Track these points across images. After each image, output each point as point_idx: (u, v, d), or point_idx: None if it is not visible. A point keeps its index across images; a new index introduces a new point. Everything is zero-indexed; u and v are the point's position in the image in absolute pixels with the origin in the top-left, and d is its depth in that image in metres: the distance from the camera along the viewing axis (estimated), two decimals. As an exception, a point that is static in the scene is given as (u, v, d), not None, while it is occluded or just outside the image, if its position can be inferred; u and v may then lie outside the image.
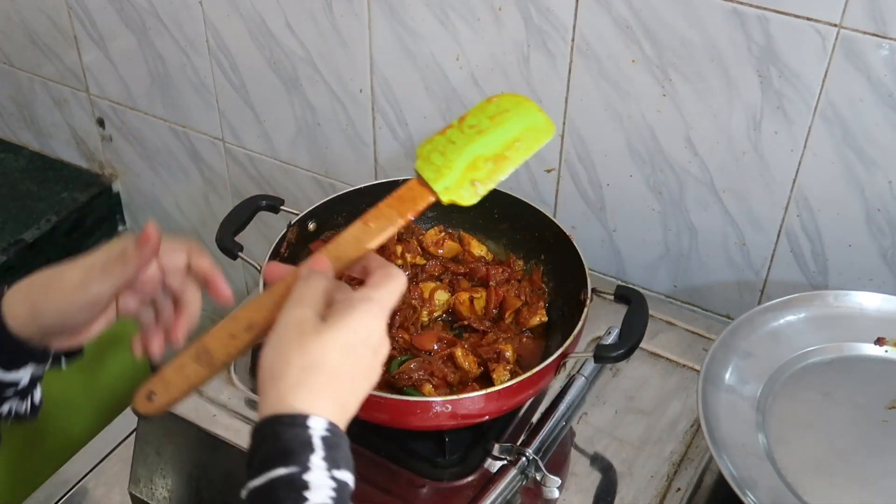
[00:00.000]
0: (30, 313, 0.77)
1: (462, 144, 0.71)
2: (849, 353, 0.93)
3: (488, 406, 0.88)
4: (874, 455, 0.83)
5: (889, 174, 0.98)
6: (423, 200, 0.70)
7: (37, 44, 1.52)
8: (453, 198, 0.70)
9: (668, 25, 1.00)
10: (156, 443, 1.00)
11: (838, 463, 0.82)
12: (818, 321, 0.95)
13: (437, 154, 0.71)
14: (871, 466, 0.82)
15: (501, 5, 1.08)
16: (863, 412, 0.86)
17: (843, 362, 0.92)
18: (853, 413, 0.86)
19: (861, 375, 0.90)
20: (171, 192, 1.59)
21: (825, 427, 0.85)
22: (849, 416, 0.86)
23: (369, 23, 1.18)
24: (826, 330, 0.94)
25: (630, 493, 0.93)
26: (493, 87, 1.14)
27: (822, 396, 0.87)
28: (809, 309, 0.96)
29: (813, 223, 1.05)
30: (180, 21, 1.34)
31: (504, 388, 0.86)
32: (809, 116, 0.98)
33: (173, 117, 1.47)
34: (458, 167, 0.70)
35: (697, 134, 1.05)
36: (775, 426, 0.85)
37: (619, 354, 0.90)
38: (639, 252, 1.18)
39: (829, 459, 0.82)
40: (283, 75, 1.30)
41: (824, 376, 0.90)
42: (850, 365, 0.91)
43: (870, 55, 0.92)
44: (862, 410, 0.86)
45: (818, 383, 0.89)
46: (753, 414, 0.86)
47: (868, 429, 0.85)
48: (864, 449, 0.83)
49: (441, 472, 0.93)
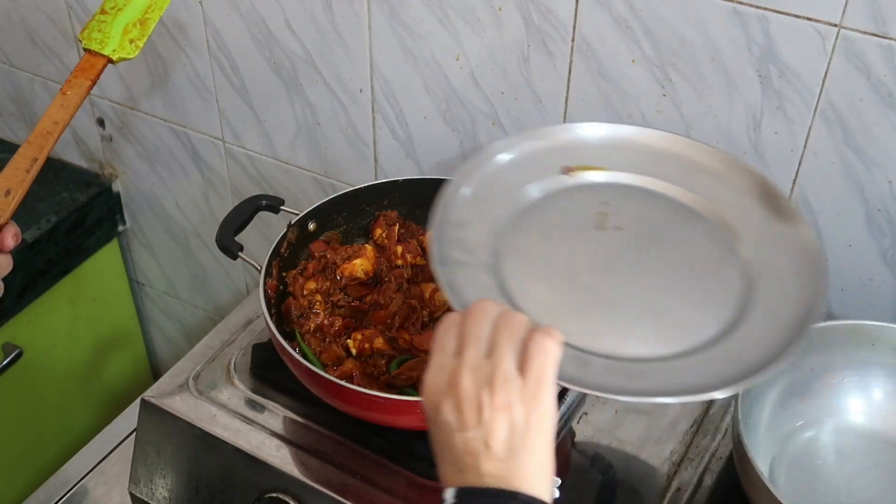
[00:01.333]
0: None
1: (111, 20, 0.96)
2: (548, 191, 0.92)
3: None
4: (604, 272, 0.84)
5: (889, 174, 0.98)
6: (100, 63, 0.94)
7: (37, 44, 1.52)
8: (121, 55, 0.95)
9: (668, 25, 1.00)
10: (156, 443, 1.00)
11: (582, 296, 0.82)
12: (512, 170, 0.94)
13: (96, 32, 0.95)
14: (607, 284, 0.83)
15: (501, 5, 1.08)
16: (579, 240, 0.87)
17: (548, 200, 0.91)
18: (573, 245, 0.87)
19: (564, 208, 0.91)
20: (171, 191, 1.59)
21: (556, 269, 0.85)
22: (570, 249, 0.87)
23: (369, 23, 1.18)
24: (522, 174, 0.93)
25: (630, 494, 0.93)
26: (492, 87, 1.14)
27: (540, 239, 0.87)
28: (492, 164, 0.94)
29: (813, 223, 1.05)
30: (181, 21, 1.34)
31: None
32: (809, 116, 0.98)
33: (173, 117, 1.47)
34: (116, 34, 0.96)
35: (697, 134, 1.05)
36: (514, 285, 0.82)
37: None
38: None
39: (572, 296, 0.82)
40: (283, 75, 1.30)
41: (531, 219, 0.89)
42: (553, 200, 0.91)
43: (870, 55, 0.92)
44: (578, 239, 0.87)
45: (531, 227, 0.88)
46: (491, 280, 0.83)
47: (590, 253, 0.86)
48: (597, 272, 0.84)
49: (441, 472, 0.93)
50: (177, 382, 1.02)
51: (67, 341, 1.67)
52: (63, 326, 1.65)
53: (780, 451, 0.95)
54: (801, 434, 0.97)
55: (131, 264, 1.77)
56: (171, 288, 1.75)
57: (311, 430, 0.98)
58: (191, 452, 0.98)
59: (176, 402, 0.99)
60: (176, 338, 1.84)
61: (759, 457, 0.93)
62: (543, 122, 1.14)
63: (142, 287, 1.79)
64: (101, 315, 1.74)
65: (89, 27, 0.96)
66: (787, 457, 0.95)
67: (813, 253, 0.86)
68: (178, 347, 1.84)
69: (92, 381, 1.76)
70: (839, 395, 0.98)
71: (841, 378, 0.98)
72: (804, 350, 0.94)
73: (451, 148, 1.23)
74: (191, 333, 1.80)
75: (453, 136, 1.22)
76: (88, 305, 1.70)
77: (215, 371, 1.03)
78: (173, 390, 1.00)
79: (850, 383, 0.98)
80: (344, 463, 0.95)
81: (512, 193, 0.90)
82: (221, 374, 1.03)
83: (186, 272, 1.70)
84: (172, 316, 1.80)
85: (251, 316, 1.11)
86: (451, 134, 1.22)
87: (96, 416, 1.75)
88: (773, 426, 0.96)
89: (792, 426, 0.97)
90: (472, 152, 1.21)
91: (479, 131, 1.19)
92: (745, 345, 0.78)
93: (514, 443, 0.65)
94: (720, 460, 0.97)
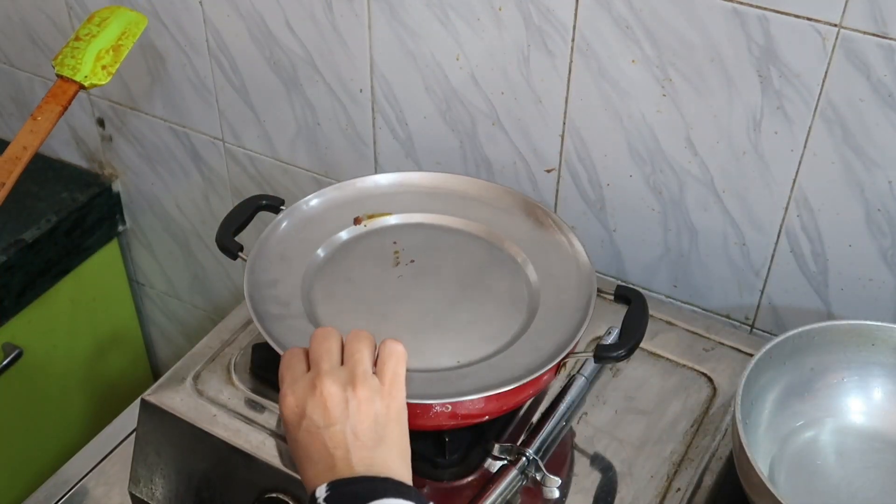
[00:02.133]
0: None
1: (85, 46, 0.99)
2: (343, 239, 1.04)
3: (488, 406, 0.88)
4: (408, 301, 0.96)
5: (889, 174, 0.98)
6: (72, 89, 0.97)
7: (37, 44, 1.52)
8: (93, 81, 0.98)
9: (668, 25, 1.00)
10: (156, 443, 1.00)
11: (393, 324, 0.94)
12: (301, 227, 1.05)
13: (69, 59, 0.98)
14: (413, 311, 0.95)
15: (501, 5, 1.08)
16: (380, 278, 0.99)
17: (347, 248, 1.03)
18: (375, 282, 0.99)
19: (363, 252, 1.02)
20: (171, 191, 1.59)
21: (364, 305, 0.96)
22: (374, 286, 0.98)
23: (369, 23, 1.18)
24: (319, 230, 1.04)
25: (630, 494, 0.93)
26: (492, 87, 1.15)
27: (345, 283, 0.98)
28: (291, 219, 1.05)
29: (813, 223, 1.05)
30: (180, 21, 1.34)
31: (504, 390, 0.86)
32: (809, 116, 0.98)
33: (173, 117, 1.47)
34: (89, 61, 0.98)
35: (697, 134, 1.05)
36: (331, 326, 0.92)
37: (620, 354, 0.90)
38: (638, 252, 1.18)
39: (384, 326, 0.93)
40: (283, 75, 1.30)
41: (335, 268, 1.00)
42: (352, 247, 1.03)
43: (870, 55, 0.92)
44: (379, 277, 0.99)
45: (336, 273, 0.99)
46: (310, 325, 0.92)
47: (392, 286, 0.98)
48: (401, 301, 0.96)
49: (441, 472, 0.93)
50: (177, 382, 1.02)
51: (67, 341, 1.67)
52: (63, 326, 1.66)
53: (780, 450, 0.95)
54: (801, 434, 0.97)
55: (131, 264, 1.77)
56: (171, 288, 1.75)
57: (311, 430, 0.98)
58: (191, 452, 0.98)
59: (176, 402, 0.99)
60: (176, 338, 1.84)
61: (759, 457, 0.93)
62: (543, 122, 1.14)
63: (142, 287, 1.79)
64: (101, 315, 1.74)
65: (63, 53, 0.99)
66: (787, 457, 0.95)
67: (575, 251, 1.01)
68: (177, 347, 1.85)
69: (92, 381, 1.76)
70: (839, 395, 0.98)
71: (841, 378, 0.98)
72: (804, 350, 0.95)
73: (451, 148, 1.23)
74: (191, 333, 1.80)
75: (453, 136, 1.22)
76: (88, 305, 1.70)
77: (215, 371, 1.03)
78: (173, 390, 1.00)
79: (850, 383, 0.98)
80: (344, 463, 0.95)
81: (313, 248, 1.01)
82: (221, 374, 1.03)
83: (186, 272, 1.70)
84: (172, 316, 1.80)
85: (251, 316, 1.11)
86: (452, 134, 1.22)
87: (96, 417, 1.75)
88: (773, 426, 0.96)
89: (792, 426, 0.97)
90: (471, 152, 1.22)
91: (479, 131, 1.20)
92: (542, 336, 0.92)
93: (379, 432, 0.72)
94: (720, 460, 0.97)
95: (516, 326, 0.94)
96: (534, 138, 1.16)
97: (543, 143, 1.16)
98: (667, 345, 1.09)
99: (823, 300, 1.09)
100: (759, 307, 1.14)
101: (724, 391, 1.03)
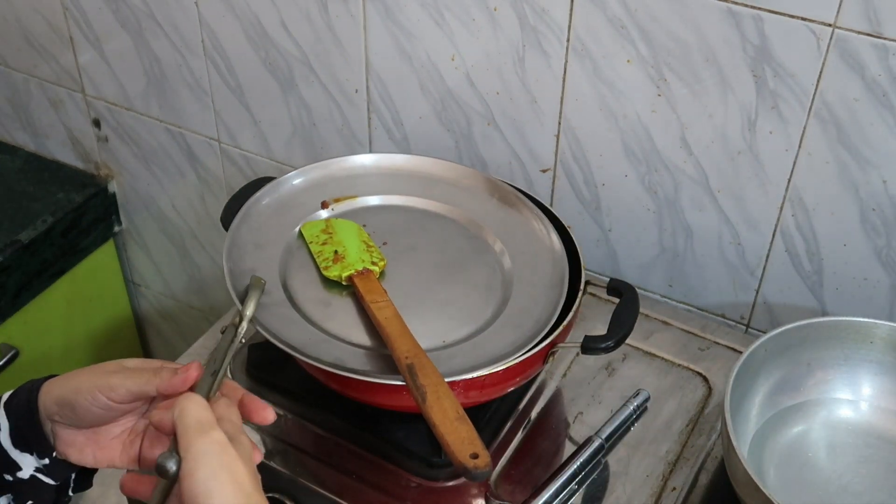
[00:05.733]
0: (51, 385, 0.75)
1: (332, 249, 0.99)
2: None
3: (472, 391, 0.88)
4: (385, 282, 0.97)
5: (883, 173, 0.98)
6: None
7: (32, 45, 1.52)
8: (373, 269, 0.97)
9: (663, 25, 1.00)
10: (152, 443, 1.00)
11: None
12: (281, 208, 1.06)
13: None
14: (391, 292, 0.95)
15: (496, 6, 1.08)
16: None
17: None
18: None
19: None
20: (167, 192, 1.59)
21: (342, 288, 0.97)
22: None
23: (364, 23, 1.18)
24: (290, 216, 1.05)
25: (625, 493, 0.93)
26: (488, 87, 1.15)
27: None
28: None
29: (808, 223, 1.05)
30: (176, 22, 1.34)
31: (489, 374, 0.86)
32: (804, 116, 0.98)
33: (169, 118, 1.47)
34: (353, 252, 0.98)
35: (692, 134, 1.05)
36: (314, 312, 0.94)
37: (608, 346, 0.90)
38: (634, 252, 1.18)
39: None
40: (279, 76, 1.30)
41: (308, 254, 1.01)
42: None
43: (864, 55, 0.92)
44: None
45: (310, 260, 1.00)
46: (293, 312, 0.94)
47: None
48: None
49: (437, 472, 0.94)
50: (173, 383, 1.02)
51: (64, 342, 1.67)
52: (59, 327, 1.65)
53: (771, 444, 0.95)
54: (791, 428, 0.97)
55: (127, 265, 1.77)
56: (167, 288, 1.75)
57: (307, 430, 0.98)
58: (187, 453, 0.98)
59: (172, 402, 0.99)
60: (172, 338, 1.84)
61: (749, 450, 0.93)
62: (538, 122, 1.14)
63: (138, 288, 1.79)
64: (98, 316, 1.74)
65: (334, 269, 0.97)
66: (777, 450, 0.95)
67: (541, 226, 1.02)
68: (174, 348, 1.84)
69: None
70: (831, 390, 0.99)
71: (833, 373, 0.99)
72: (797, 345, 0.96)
73: (446, 148, 1.23)
74: (187, 334, 1.80)
75: (449, 137, 1.22)
76: (84, 306, 1.70)
77: (211, 371, 1.03)
78: (169, 391, 1.00)
79: (841, 379, 0.99)
80: (340, 463, 0.95)
81: (285, 235, 1.02)
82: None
83: (182, 273, 1.70)
84: (168, 316, 1.80)
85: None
86: (447, 134, 1.22)
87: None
88: (764, 420, 0.97)
89: (783, 420, 0.97)
90: (467, 152, 1.22)
91: (475, 131, 1.20)
92: (522, 314, 0.93)
93: None
94: (715, 460, 0.97)
95: (494, 304, 0.95)
96: (529, 138, 1.16)
97: (539, 143, 1.16)
98: (662, 344, 1.09)
99: (818, 299, 1.10)
100: (754, 306, 1.15)
101: (720, 390, 1.04)
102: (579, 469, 0.93)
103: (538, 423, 1.00)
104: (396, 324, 0.89)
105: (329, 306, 0.95)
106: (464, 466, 0.74)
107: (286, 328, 0.91)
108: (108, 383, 0.71)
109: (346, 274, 0.96)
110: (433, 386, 0.81)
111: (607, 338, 0.90)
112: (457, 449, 0.75)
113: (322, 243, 1.00)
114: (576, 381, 1.05)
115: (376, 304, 0.91)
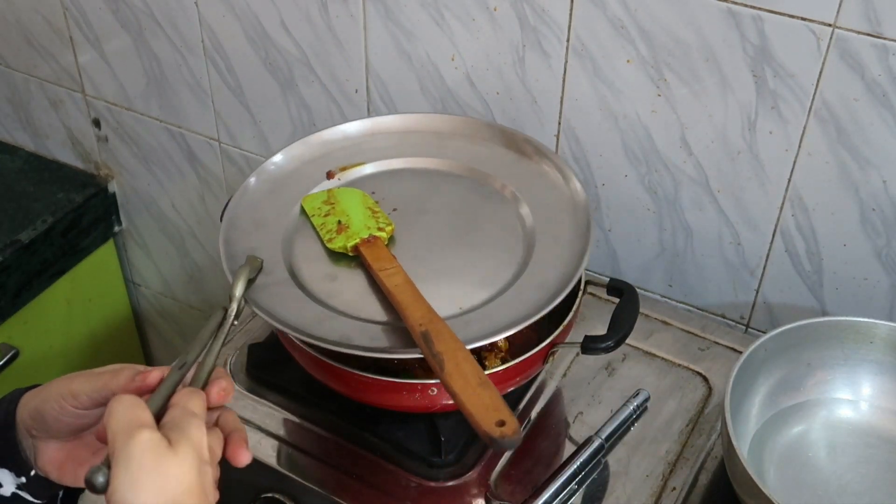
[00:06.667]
0: (28, 397, 0.72)
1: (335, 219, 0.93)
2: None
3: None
4: (397, 249, 0.91)
5: (883, 174, 0.98)
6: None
7: (32, 45, 1.52)
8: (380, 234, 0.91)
9: (663, 25, 1.00)
10: (152, 443, 1.00)
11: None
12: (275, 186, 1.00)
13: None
14: (403, 260, 0.89)
15: (496, 5, 1.08)
16: None
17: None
18: None
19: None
20: (167, 192, 1.59)
21: (349, 260, 0.91)
22: None
23: (364, 23, 1.18)
24: (293, 189, 0.99)
25: (625, 493, 0.93)
26: (488, 87, 1.15)
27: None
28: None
29: (808, 223, 1.05)
30: (176, 22, 1.34)
31: (490, 374, 0.85)
32: (804, 116, 0.98)
33: (169, 118, 1.47)
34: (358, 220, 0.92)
35: (692, 134, 1.05)
36: (318, 289, 0.89)
37: (608, 346, 0.89)
38: (634, 252, 1.18)
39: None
40: (279, 76, 1.30)
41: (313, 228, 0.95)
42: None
43: (864, 55, 0.92)
44: None
45: (315, 233, 0.94)
46: (297, 291, 0.88)
47: None
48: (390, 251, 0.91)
49: (437, 472, 0.94)
50: (173, 383, 1.02)
51: (63, 342, 1.67)
52: (59, 327, 1.65)
53: (771, 444, 0.95)
54: (791, 428, 0.97)
55: (127, 265, 1.77)
56: (167, 288, 1.75)
57: (307, 430, 0.98)
58: (187, 453, 0.98)
59: (172, 402, 0.99)
60: (172, 338, 1.84)
61: (749, 450, 0.93)
62: (538, 122, 1.14)
63: (138, 287, 1.79)
64: (98, 315, 1.74)
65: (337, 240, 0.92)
66: (777, 450, 0.95)
67: (566, 177, 0.96)
68: (173, 347, 1.84)
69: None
70: (831, 390, 0.99)
71: (833, 373, 0.99)
72: (797, 345, 0.96)
73: (446, 148, 1.23)
74: (186, 333, 1.80)
75: (449, 137, 1.22)
76: (84, 306, 1.70)
77: (211, 371, 1.03)
78: (169, 391, 1.00)
79: (841, 379, 0.99)
80: (340, 463, 0.95)
81: (288, 210, 0.96)
82: (217, 374, 1.03)
83: (182, 272, 1.70)
84: (168, 316, 1.80)
85: (247, 316, 1.11)
86: (447, 134, 1.22)
87: (92, 417, 1.75)
88: (764, 420, 0.97)
89: (783, 420, 0.97)
90: (467, 152, 1.22)
91: (475, 131, 1.20)
92: (545, 270, 0.87)
93: None
94: (715, 459, 0.97)
95: (515, 264, 0.89)
96: (529, 138, 1.17)
97: (539, 143, 1.16)
98: (662, 344, 1.09)
99: (818, 299, 1.10)
100: (754, 306, 1.15)
101: (720, 391, 1.04)
102: (579, 469, 0.93)
103: (538, 422, 1.00)
104: (408, 290, 0.82)
105: (335, 280, 0.89)
106: (490, 436, 0.67)
107: (286, 307, 0.85)
108: (71, 390, 0.68)
109: (351, 244, 0.89)
110: (451, 352, 0.75)
111: (607, 338, 0.90)
112: (481, 418, 0.68)
113: (325, 215, 0.94)
114: (576, 381, 1.05)
115: (385, 272, 0.85)
